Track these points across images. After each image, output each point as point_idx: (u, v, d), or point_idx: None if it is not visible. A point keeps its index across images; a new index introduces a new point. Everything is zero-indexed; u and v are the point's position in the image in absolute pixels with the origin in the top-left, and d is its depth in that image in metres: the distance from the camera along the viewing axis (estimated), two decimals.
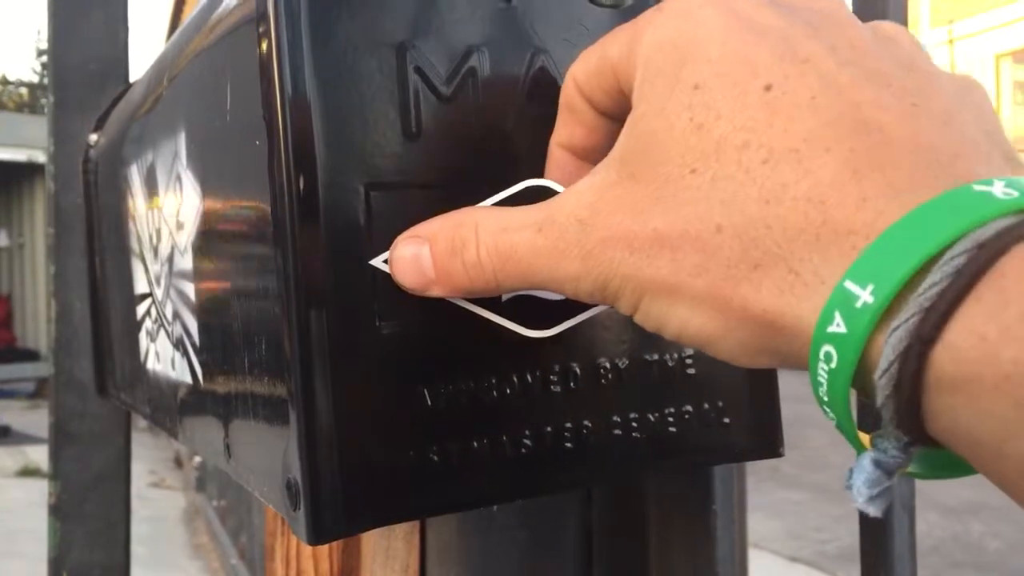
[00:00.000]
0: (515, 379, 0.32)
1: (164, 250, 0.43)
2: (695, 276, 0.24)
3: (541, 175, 0.32)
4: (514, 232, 0.28)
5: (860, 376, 0.22)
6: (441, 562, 0.50)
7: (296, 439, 0.29)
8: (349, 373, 0.29)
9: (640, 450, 0.34)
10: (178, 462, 5.96)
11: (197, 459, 5.10)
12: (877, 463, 0.22)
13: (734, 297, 0.24)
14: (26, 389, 8.94)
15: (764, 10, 0.26)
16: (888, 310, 0.21)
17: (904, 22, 0.45)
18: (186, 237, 0.39)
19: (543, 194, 0.31)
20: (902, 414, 0.21)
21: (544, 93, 0.32)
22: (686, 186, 0.24)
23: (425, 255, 0.29)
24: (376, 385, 0.30)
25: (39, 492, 4.84)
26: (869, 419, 0.40)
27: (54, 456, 0.61)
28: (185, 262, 0.40)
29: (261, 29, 0.29)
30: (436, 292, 0.30)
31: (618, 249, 0.26)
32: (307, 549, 0.53)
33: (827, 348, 0.22)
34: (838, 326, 0.21)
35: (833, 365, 0.22)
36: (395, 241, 0.30)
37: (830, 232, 0.22)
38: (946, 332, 0.20)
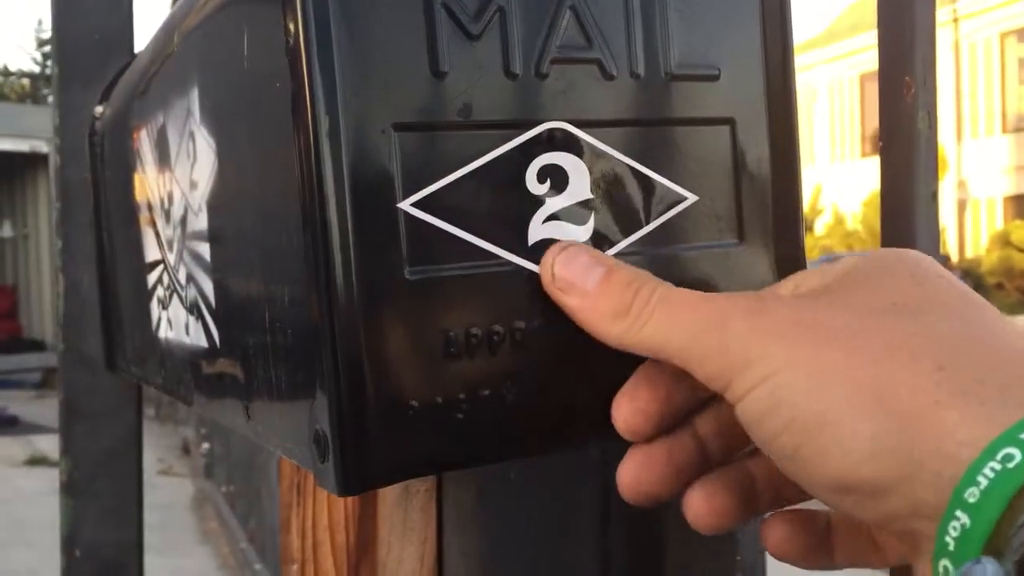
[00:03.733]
0: (544, 325, 0.31)
1: (177, 213, 0.43)
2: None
3: (565, 116, 0.31)
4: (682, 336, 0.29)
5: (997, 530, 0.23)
6: (459, 533, 0.49)
7: (325, 388, 0.29)
8: (377, 318, 0.29)
9: None
10: (186, 449, 5.98)
11: (205, 446, 5.12)
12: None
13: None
14: (32, 379, 8.98)
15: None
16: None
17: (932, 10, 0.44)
18: (200, 196, 0.39)
19: (563, 137, 0.31)
20: None
21: (570, 33, 0.32)
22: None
23: (597, 274, 0.31)
24: (405, 331, 0.29)
25: (47, 481, 4.87)
26: None
27: (65, 433, 0.61)
28: (199, 222, 0.39)
29: None
30: (567, 302, 0.31)
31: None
32: (323, 520, 0.52)
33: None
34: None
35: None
36: (570, 243, 0.31)
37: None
38: None
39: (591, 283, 0.31)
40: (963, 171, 17.06)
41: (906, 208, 0.41)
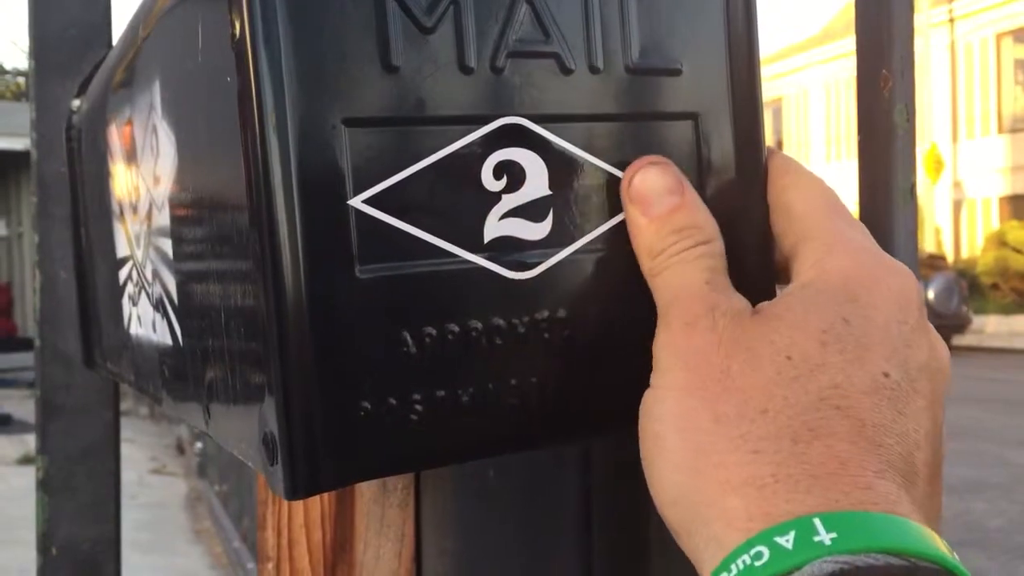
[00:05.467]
0: (500, 325, 0.31)
1: (143, 208, 0.42)
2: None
3: (522, 112, 0.31)
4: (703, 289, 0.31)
5: None
6: (437, 530, 0.49)
7: (272, 390, 0.28)
8: (327, 319, 0.28)
9: (635, 403, 0.33)
10: (179, 448, 5.98)
11: (199, 445, 5.11)
12: None
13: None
14: (27, 378, 8.96)
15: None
16: None
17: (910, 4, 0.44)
18: (163, 191, 0.38)
19: (519, 133, 0.31)
20: None
21: (527, 27, 0.31)
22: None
23: (665, 204, 0.32)
24: (356, 331, 0.29)
25: None
26: None
27: (41, 430, 0.60)
28: (163, 218, 0.39)
29: None
30: (630, 211, 0.32)
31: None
32: (298, 518, 0.52)
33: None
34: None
35: None
36: (662, 161, 0.32)
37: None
38: None
39: (656, 209, 0.32)
40: (959, 172, 17.09)
41: (884, 202, 0.41)
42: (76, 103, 0.60)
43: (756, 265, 0.34)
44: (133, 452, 5.56)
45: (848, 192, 0.45)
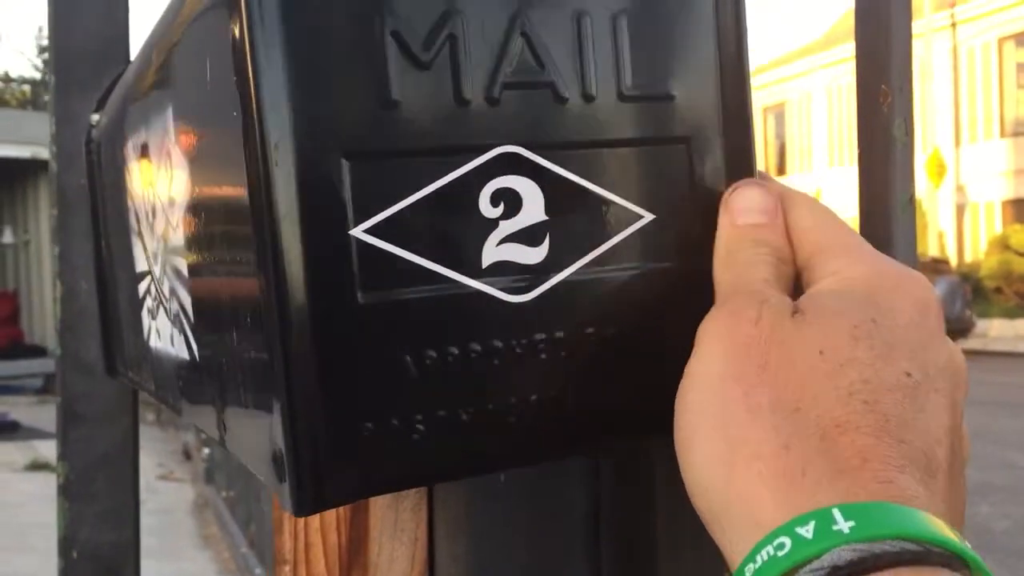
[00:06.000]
0: (499, 346, 0.32)
1: (159, 227, 0.43)
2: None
3: (518, 140, 0.31)
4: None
5: None
6: (450, 534, 0.50)
7: (279, 411, 0.29)
8: (330, 342, 0.29)
9: (632, 419, 0.34)
10: (186, 454, 5.98)
11: (206, 451, 5.11)
12: None
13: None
14: (34, 385, 8.98)
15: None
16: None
17: (908, 8, 0.45)
18: (177, 213, 0.39)
19: (515, 161, 0.32)
20: None
21: (523, 58, 0.32)
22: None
23: (754, 220, 0.34)
24: (358, 354, 0.30)
25: (48, 486, 4.86)
26: None
27: (62, 437, 0.61)
28: (177, 238, 0.39)
29: None
30: (723, 214, 0.34)
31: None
32: (314, 522, 0.53)
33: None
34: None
35: None
36: (762, 184, 0.34)
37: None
38: None
39: (743, 220, 0.34)
40: (962, 176, 17.05)
41: (884, 212, 0.42)
42: (95, 117, 0.61)
43: None
44: (140, 458, 5.55)
45: (851, 197, 0.46)
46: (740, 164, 0.35)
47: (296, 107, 0.28)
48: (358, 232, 0.29)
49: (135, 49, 0.60)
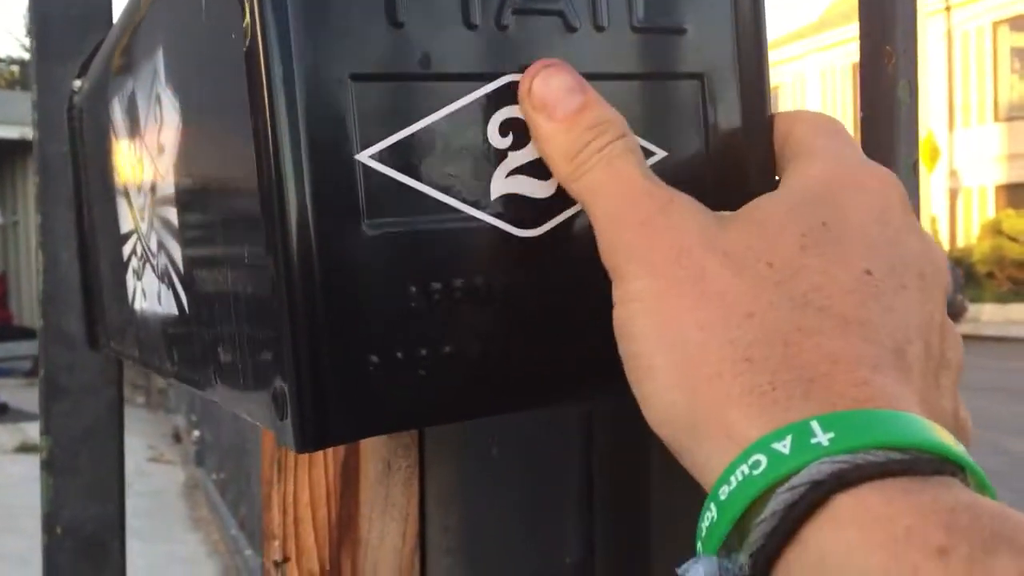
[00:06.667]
0: (507, 282, 0.31)
1: (147, 179, 0.42)
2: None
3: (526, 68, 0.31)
4: (632, 190, 0.29)
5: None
6: (441, 509, 0.49)
7: (282, 345, 0.28)
8: (334, 273, 0.28)
9: None
10: (176, 437, 5.99)
11: (196, 433, 5.12)
12: (724, 570, 0.25)
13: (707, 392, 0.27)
14: (23, 367, 8.97)
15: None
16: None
17: None
18: (167, 160, 0.38)
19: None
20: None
21: None
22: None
23: (571, 103, 0.30)
24: (363, 286, 0.29)
25: (37, 468, 4.85)
26: None
27: (45, 411, 0.60)
28: (167, 186, 0.39)
29: None
30: (536, 120, 0.30)
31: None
32: (304, 496, 0.52)
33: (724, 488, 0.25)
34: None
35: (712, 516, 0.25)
36: (557, 63, 0.30)
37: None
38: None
39: (561, 111, 0.30)
40: (955, 160, 17.10)
41: None
42: (77, 84, 0.60)
43: None
44: (130, 441, 5.54)
45: None
46: (754, 103, 0.35)
47: (301, 24, 0.27)
48: (364, 157, 0.28)
49: (117, 13, 0.59)
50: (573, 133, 0.30)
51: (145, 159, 0.42)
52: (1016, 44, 16.59)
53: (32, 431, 5.87)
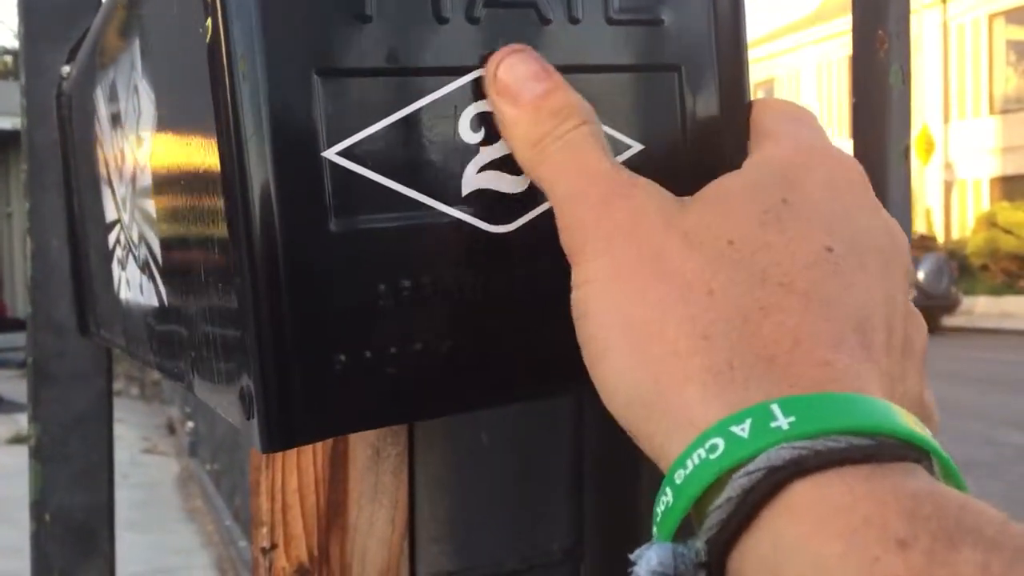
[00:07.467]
0: (479, 278, 0.31)
1: (128, 170, 0.42)
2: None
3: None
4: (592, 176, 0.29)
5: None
6: (431, 496, 0.49)
7: (247, 344, 0.28)
8: (301, 272, 0.28)
9: None
10: (171, 428, 5.98)
11: (190, 424, 5.11)
12: (678, 556, 0.24)
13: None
14: (16, 358, 8.94)
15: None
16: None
17: None
18: (145, 151, 0.38)
19: None
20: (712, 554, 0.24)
21: None
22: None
23: (535, 89, 0.29)
24: (330, 284, 0.28)
25: None
26: None
27: (33, 398, 0.60)
28: (145, 178, 0.38)
29: None
30: (500, 107, 0.30)
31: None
32: (292, 483, 0.52)
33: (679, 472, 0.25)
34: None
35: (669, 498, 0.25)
36: (523, 49, 0.30)
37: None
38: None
39: (526, 96, 0.29)
40: (950, 152, 17.12)
41: (878, 163, 0.41)
42: (66, 69, 0.60)
43: None
44: (124, 432, 5.55)
45: None
46: (733, 95, 0.34)
47: (266, 19, 0.27)
48: (331, 154, 0.28)
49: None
50: (537, 119, 0.29)
51: (127, 150, 0.42)
52: (1011, 37, 16.60)
53: (26, 423, 5.86)
